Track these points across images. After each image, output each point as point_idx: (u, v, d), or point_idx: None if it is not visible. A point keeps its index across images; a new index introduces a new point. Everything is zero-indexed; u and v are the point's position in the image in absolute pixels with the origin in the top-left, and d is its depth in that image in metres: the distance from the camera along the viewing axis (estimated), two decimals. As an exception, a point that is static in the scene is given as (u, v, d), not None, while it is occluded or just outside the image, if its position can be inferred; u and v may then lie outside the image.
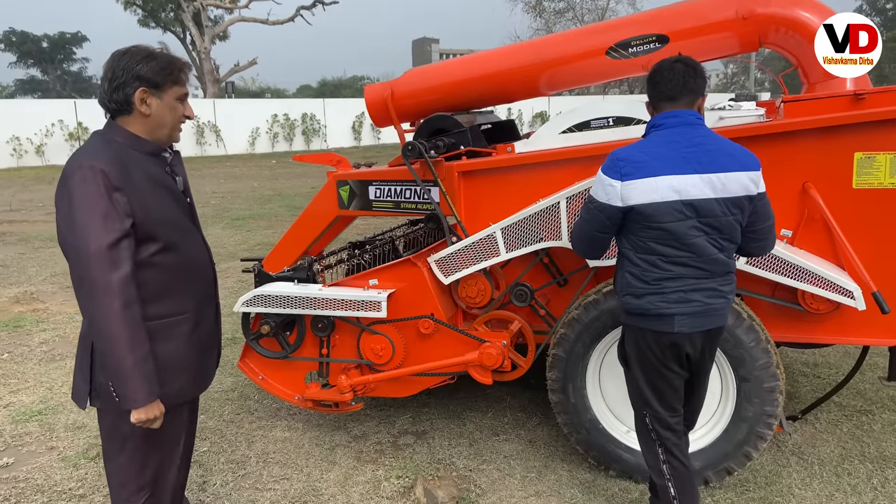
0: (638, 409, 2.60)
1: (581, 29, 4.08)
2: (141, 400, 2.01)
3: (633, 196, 2.32)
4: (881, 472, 3.22)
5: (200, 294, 2.28)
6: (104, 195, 1.94)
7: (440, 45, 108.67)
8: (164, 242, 2.10)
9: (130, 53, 2.06)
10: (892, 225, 2.99)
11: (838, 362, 4.52)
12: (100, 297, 1.94)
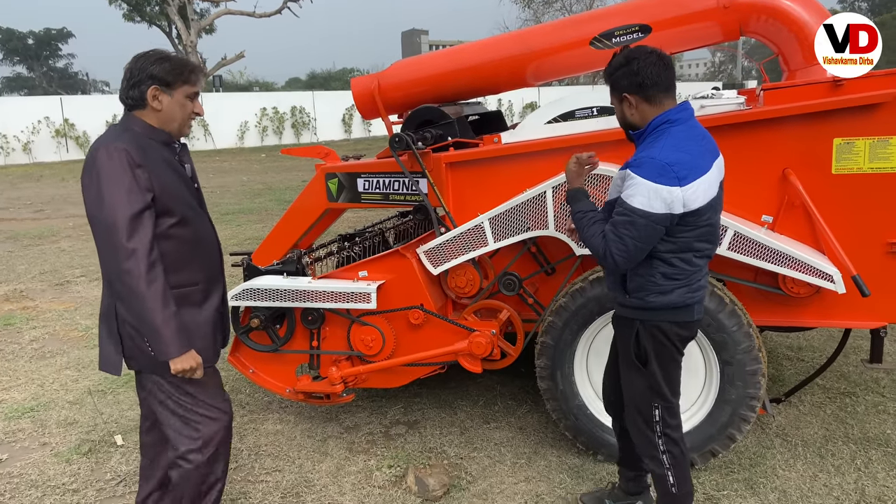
0: (647, 404, 2.50)
1: (565, 20, 4.10)
2: (174, 351, 2.22)
3: (696, 199, 2.23)
4: (864, 452, 3.29)
5: (210, 269, 2.48)
6: (127, 171, 2.16)
7: (429, 37, 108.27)
8: (179, 217, 2.31)
9: (147, 56, 2.30)
10: (872, 209, 3.04)
11: (822, 346, 4.59)
12: (128, 262, 2.14)
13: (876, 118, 2.96)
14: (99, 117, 24.46)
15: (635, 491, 2.86)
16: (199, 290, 2.42)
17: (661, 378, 2.45)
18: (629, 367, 2.52)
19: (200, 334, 2.40)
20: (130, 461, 3.47)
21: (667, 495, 2.54)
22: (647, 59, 2.30)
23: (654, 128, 2.33)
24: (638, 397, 2.52)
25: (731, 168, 3.11)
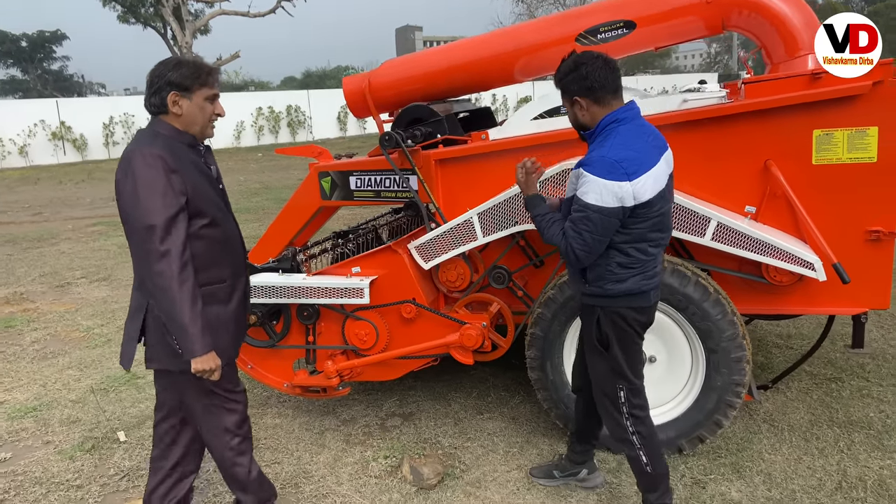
0: (611, 386, 2.65)
1: (552, 17, 4.16)
2: (199, 350, 2.32)
3: (645, 191, 2.36)
4: (848, 435, 3.37)
5: (236, 266, 2.59)
6: (163, 176, 2.26)
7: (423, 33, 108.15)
8: (210, 218, 2.42)
9: (164, 62, 2.39)
10: (851, 198, 3.12)
11: (811, 333, 4.67)
12: (161, 262, 2.24)
13: (854, 109, 3.04)
14: (95, 119, 24.54)
15: (581, 461, 3.04)
16: (227, 286, 2.53)
17: (623, 360, 2.61)
18: (592, 352, 2.68)
19: (226, 330, 2.52)
20: (133, 456, 3.55)
21: (643, 475, 2.66)
22: (594, 64, 2.45)
23: (602, 127, 2.47)
24: (602, 380, 2.68)
25: (715, 160, 3.23)
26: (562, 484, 3.08)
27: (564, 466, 3.09)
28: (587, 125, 2.52)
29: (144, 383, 4.47)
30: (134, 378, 4.56)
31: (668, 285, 3.09)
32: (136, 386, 4.44)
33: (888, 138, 3.03)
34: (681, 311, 3.12)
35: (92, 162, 23.81)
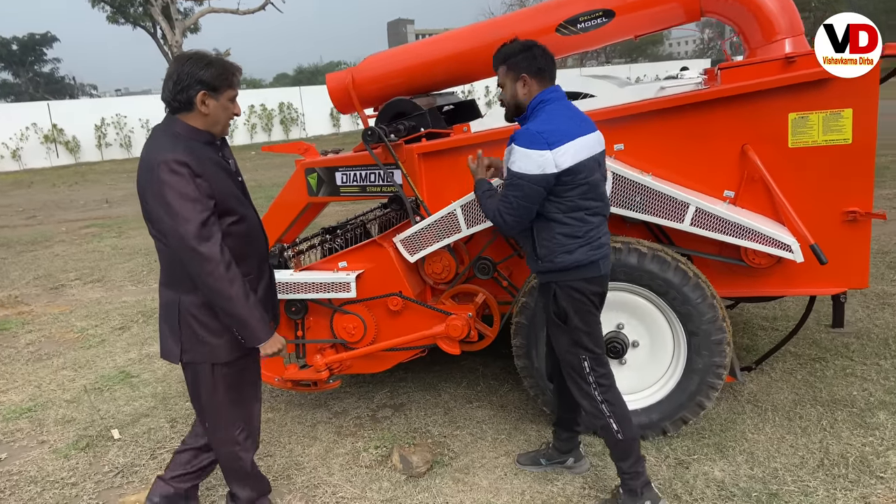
0: (575, 358, 2.75)
1: (531, 8, 4.19)
2: (263, 336, 2.46)
3: (565, 159, 2.55)
4: (831, 413, 3.43)
5: (260, 256, 2.68)
6: (190, 183, 2.31)
7: (415, 26, 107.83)
8: (237, 215, 2.50)
9: (193, 60, 2.39)
10: (828, 180, 3.16)
11: (796, 315, 4.72)
12: (207, 265, 2.33)
13: (828, 92, 3.08)
14: (87, 121, 24.52)
15: (567, 449, 3.11)
16: (253, 278, 2.61)
17: (583, 332, 2.73)
18: (553, 326, 2.79)
19: None
20: (128, 453, 3.59)
21: (616, 444, 2.75)
22: (542, 49, 2.73)
23: (532, 107, 2.70)
24: (565, 353, 2.79)
25: (694, 146, 3.27)
26: (549, 470, 3.14)
27: (551, 455, 3.15)
28: (523, 104, 2.72)
29: (138, 382, 4.52)
30: (127, 377, 4.61)
31: (648, 271, 3.14)
32: (129, 384, 4.49)
33: (862, 120, 3.07)
34: (662, 296, 3.17)
35: (85, 164, 23.81)
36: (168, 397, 4.25)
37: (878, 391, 3.60)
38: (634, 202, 3.15)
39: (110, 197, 14.67)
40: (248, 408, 2.75)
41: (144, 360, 4.91)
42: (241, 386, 2.66)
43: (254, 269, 2.62)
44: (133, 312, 6.09)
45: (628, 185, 3.12)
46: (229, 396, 2.64)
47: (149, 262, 8.17)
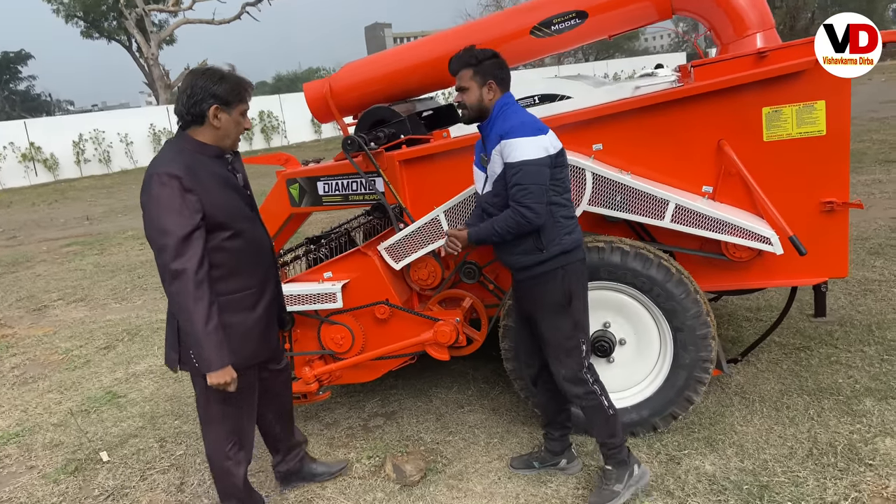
0: (575, 341, 2.82)
1: (505, 11, 4.21)
2: (214, 365, 2.43)
3: (556, 141, 2.74)
4: (818, 402, 3.46)
5: (262, 272, 2.70)
6: (178, 196, 2.36)
7: (393, 30, 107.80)
8: (231, 230, 2.51)
9: (207, 75, 2.48)
10: (804, 172, 3.20)
11: (779, 305, 4.76)
12: (177, 279, 2.36)
13: (800, 85, 3.12)
14: (65, 138, 24.26)
15: (560, 450, 3.14)
16: (253, 293, 2.63)
17: (582, 312, 2.85)
18: (555, 315, 2.81)
19: (251, 336, 2.63)
20: (117, 476, 3.56)
21: (607, 420, 2.86)
22: (503, 59, 2.85)
23: (499, 109, 2.78)
24: (565, 340, 2.83)
25: (670, 143, 3.30)
26: (542, 473, 3.15)
27: (544, 458, 3.16)
28: (486, 108, 2.80)
29: (125, 402, 4.48)
30: (114, 397, 4.57)
31: (631, 269, 3.16)
32: (116, 405, 4.45)
33: (835, 111, 3.11)
34: (646, 293, 3.19)
35: (64, 181, 23.56)
36: (156, 417, 4.22)
37: (863, 378, 3.64)
38: (615, 201, 3.17)
39: (90, 214, 14.53)
40: (241, 422, 2.76)
41: (131, 380, 4.87)
42: (234, 400, 2.65)
43: (254, 285, 2.64)
44: (118, 331, 6.04)
45: (609, 184, 3.14)
46: (222, 409, 2.66)
47: (132, 279, 8.11)
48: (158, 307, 6.70)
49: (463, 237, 2.83)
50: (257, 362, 2.74)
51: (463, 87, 2.82)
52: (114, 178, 22.56)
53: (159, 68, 33.81)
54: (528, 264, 2.78)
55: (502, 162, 2.69)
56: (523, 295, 2.90)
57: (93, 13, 38.12)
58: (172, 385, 4.67)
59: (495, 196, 2.78)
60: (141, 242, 10.40)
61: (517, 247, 2.78)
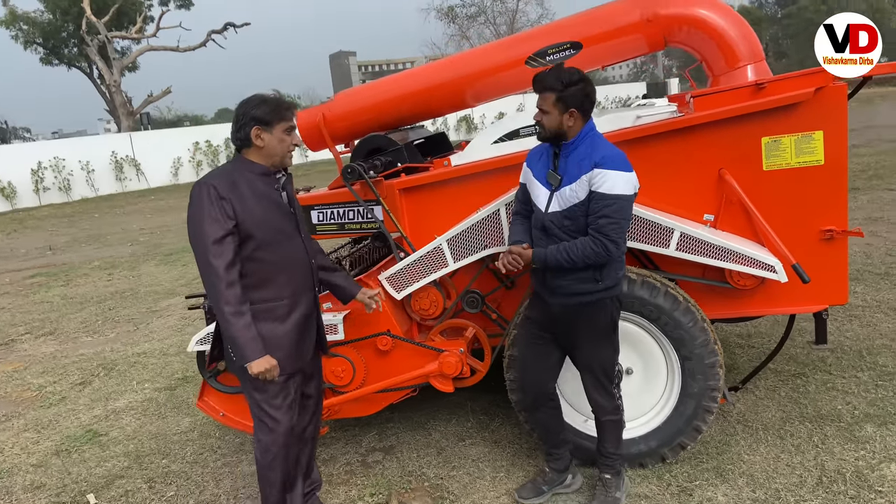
0: (612, 365, 2.97)
1: (500, 42, 4.23)
2: (251, 355, 2.56)
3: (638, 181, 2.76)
4: (820, 429, 3.48)
5: (297, 284, 2.77)
6: (214, 203, 2.54)
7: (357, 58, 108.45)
8: (261, 241, 2.63)
9: (249, 101, 2.67)
10: (803, 200, 3.25)
11: (769, 331, 4.83)
12: (212, 279, 2.54)
13: (798, 116, 3.17)
14: (23, 166, 23.61)
15: (563, 468, 3.19)
16: (284, 304, 2.71)
17: (618, 339, 2.97)
18: (601, 341, 2.92)
19: (279, 345, 2.69)
20: (105, 520, 3.39)
21: (617, 433, 3.05)
22: (592, 85, 2.78)
23: (585, 134, 2.78)
24: (607, 364, 2.95)
25: (672, 172, 3.32)
26: (550, 496, 3.13)
27: (552, 479, 3.17)
28: (566, 134, 2.77)
29: (107, 440, 4.29)
30: (95, 436, 4.37)
31: (638, 297, 3.15)
32: (98, 444, 4.25)
33: (833, 141, 3.17)
34: (653, 322, 3.19)
35: (23, 210, 22.88)
36: (142, 455, 4.04)
37: (861, 404, 3.67)
38: (620, 230, 3.17)
39: (53, 244, 14.10)
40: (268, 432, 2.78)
41: (111, 417, 4.67)
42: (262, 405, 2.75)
43: (285, 296, 2.72)
44: (93, 366, 5.82)
45: (614, 213, 3.13)
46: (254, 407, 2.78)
47: (102, 311, 7.86)
48: (133, 340, 6.48)
49: (527, 256, 2.80)
50: (285, 374, 2.74)
51: (544, 110, 2.78)
52: (74, 207, 21.99)
53: (122, 95, 33.35)
54: (580, 291, 2.80)
55: (588, 188, 2.69)
56: (566, 319, 2.91)
57: (53, 39, 37.50)
58: (156, 422, 4.49)
59: (567, 219, 2.76)
60: (108, 273, 10.12)
61: (574, 273, 2.78)
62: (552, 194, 2.81)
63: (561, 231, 2.78)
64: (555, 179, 2.80)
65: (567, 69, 2.79)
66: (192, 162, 27.62)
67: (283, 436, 2.77)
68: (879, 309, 5.02)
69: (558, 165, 2.82)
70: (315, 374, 3.02)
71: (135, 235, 13.90)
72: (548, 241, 2.82)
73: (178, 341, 6.23)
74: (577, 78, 2.74)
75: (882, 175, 10.43)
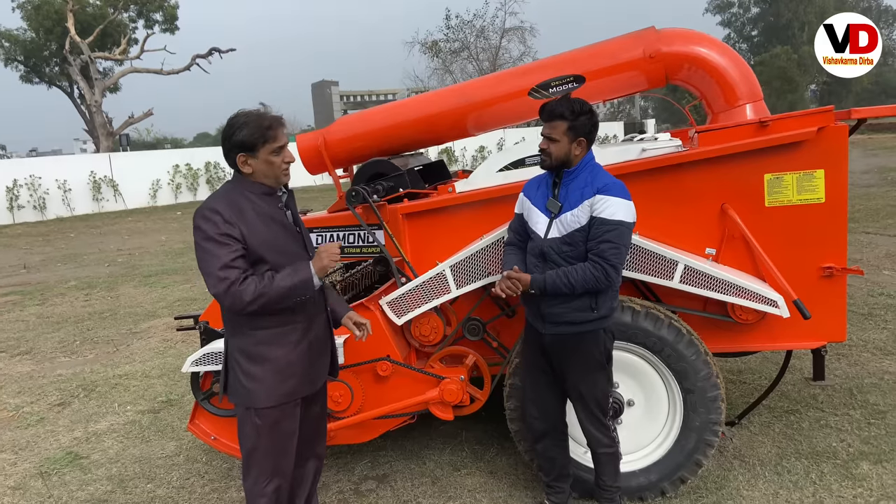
0: (606, 396, 2.98)
1: (504, 72, 4.28)
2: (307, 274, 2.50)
3: None
4: (817, 466, 3.48)
5: (309, 307, 2.66)
6: (219, 227, 2.43)
7: (339, 87, 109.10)
8: (272, 263, 2.52)
9: (230, 124, 2.53)
10: (804, 237, 3.29)
11: (760, 367, 4.86)
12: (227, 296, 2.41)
13: (801, 154, 3.24)
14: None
15: (565, 500, 3.20)
16: (298, 328, 2.62)
17: (611, 368, 2.97)
18: (595, 371, 2.92)
19: (293, 372, 2.60)
20: (86, 546, 3.26)
21: (614, 464, 3.05)
22: (596, 115, 2.90)
23: (586, 163, 2.86)
24: (600, 395, 2.95)
25: (676, 205, 3.36)
26: None
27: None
28: (571, 162, 2.85)
29: (89, 463, 4.15)
30: (76, 458, 4.23)
31: (642, 329, 3.16)
32: (80, 467, 4.11)
33: (834, 179, 3.24)
34: (656, 354, 3.19)
35: (-5, 227, 22.42)
36: (125, 479, 3.91)
37: (855, 441, 3.69)
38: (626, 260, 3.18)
39: (28, 262, 13.80)
40: (281, 461, 2.68)
41: (92, 439, 4.52)
42: (275, 436, 2.62)
43: (298, 320, 2.62)
44: (72, 386, 5.65)
45: (620, 244, 3.15)
46: (261, 445, 2.62)
47: (80, 331, 7.67)
48: (113, 361, 6.32)
49: (526, 280, 2.79)
50: (298, 398, 2.67)
51: (552, 138, 2.83)
52: (49, 226, 21.57)
53: (102, 116, 33.07)
54: (575, 320, 2.80)
55: (590, 214, 2.73)
56: (560, 348, 2.90)
57: (34, 58, 37.22)
58: (140, 445, 4.36)
59: (566, 244, 2.79)
60: (86, 293, 9.91)
61: (570, 302, 2.78)
62: (552, 221, 2.85)
63: (559, 257, 2.81)
64: (555, 206, 2.85)
65: (576, 99, 2.87)
66: (171, 184, 27.35)
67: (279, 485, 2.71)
68: (866, 348, 5.09)
69: (558, 194, 2.87)
70: (320, 401, 2.90)
71: (112, 256, 13.66)
72: (545, 267, 2.84)
73: (161, 363, 6.09)
74: (587, 108, 2.84)
75: (857, 219, 10.66)
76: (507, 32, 37.57)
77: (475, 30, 37.73)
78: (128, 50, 35.05)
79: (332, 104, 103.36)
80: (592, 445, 3.03)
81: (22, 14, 35.59)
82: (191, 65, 34.54)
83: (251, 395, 2.57)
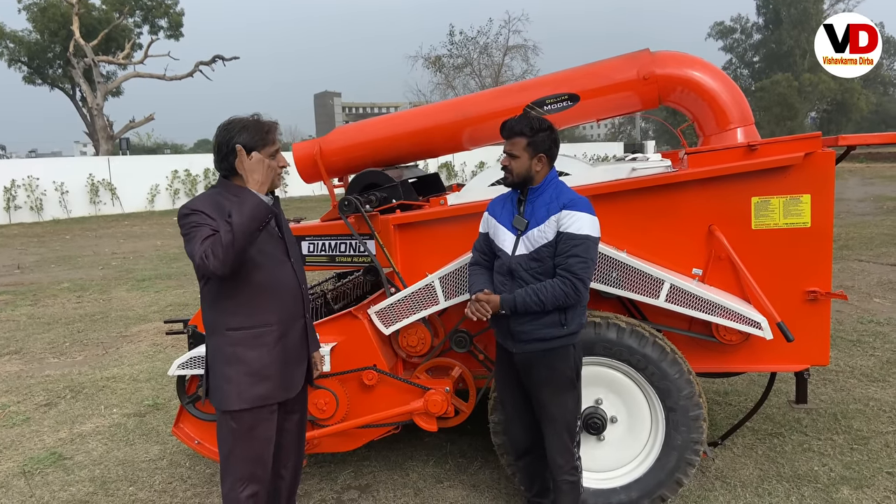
0: (574, 417, 2.91)
1: (499, 89, 4.33)
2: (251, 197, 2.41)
3: None
4: (797, 489, 3.50)
5: (285, 311, 2.66)
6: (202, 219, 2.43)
7: (342, 99, 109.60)
8: (250, 264, 2.52)
9: (228, 127, 2.55)
10: (789, 261, 3.33)
11: (745, 389, 4.87)
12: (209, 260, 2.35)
13: (788, 179, 3.28)
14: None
15: None
16: (273, 331, 2.61)
17: (580, 389, 2.94)
18: (563, 391, 2.88)
19: (266, 374, 2.59)
20: (65, 546, 3.25)
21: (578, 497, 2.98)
22: (557, 132, 2.92)
23: (550, 181, 2.89)
24: (569, 415, 2.90)
25: (664, 224, 3.39)
26: None
27: None
28: (532, 179, 2.86)
29: (72, 464, 4.14)
30: (60, 459, 4.22)
31: (627, 346, 3.18)
32: (63, 467, 4.10)
33: (820, 205, 3.28)
34: (640, 371, 3.21)
35: (-8, 227, 22.41)
36: (108, 482, 3.90)
37: (837, 466, 3.71)
38: (611, 277, 3.22)
39: (22, 262, 13.79)
40: (256, 467, 2.65)
41: (77, 441, 4.52)
42: (251, 442, 2.61)
43: (272, 322, 2.61)
44: (59, 387, 5.64)
45: (606, 260, 3.18)
46: (236, 450, 2.61)
47: (70, 332, 7.66)
48: (102, 364, 6.32)
49: (495, 301, 2.79)
50: (273, 403, 2.65)
51: (513, 155, 2.84)
52: (45, 227, 21.57)
53: (103, 119, 33.16)
54: (545, 337, 2.80)
55: (556, 229, 2.74)
56: (530, 366, 2.87)
57: (38, 59, 37.38)
58: (124, 448, 4.35)
59: (534, 260, 2.78)
60: (78, 295, 9.91)
61: (539, 318, 2.78)
62: (518, 238, 2.86)
63: (528, 273, 2.80)
64: (521, 223, 2.86)
65: (535, 116, 2.90)
66: (169, 190, 27.39)
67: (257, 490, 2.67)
68: (853, 375, 5.11)
69: (524, 211, 2.88)
70: (298, 409, 2.88)
71: (107, 259, 13.65)
72: (513, 284, 2.83)
73: (149, 367, 6.08)
74: (546, 125, 2.87)
75: (851, 246, 10.72)
76: (511, 50, 37.91)
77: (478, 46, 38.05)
78: (131, 54, 35.20)
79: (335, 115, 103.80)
80: (554, 472, 2.94)
81: (28, 15, 35.81)
82: (194, 71, 34.69)
83: (224, 397, 2.56)
